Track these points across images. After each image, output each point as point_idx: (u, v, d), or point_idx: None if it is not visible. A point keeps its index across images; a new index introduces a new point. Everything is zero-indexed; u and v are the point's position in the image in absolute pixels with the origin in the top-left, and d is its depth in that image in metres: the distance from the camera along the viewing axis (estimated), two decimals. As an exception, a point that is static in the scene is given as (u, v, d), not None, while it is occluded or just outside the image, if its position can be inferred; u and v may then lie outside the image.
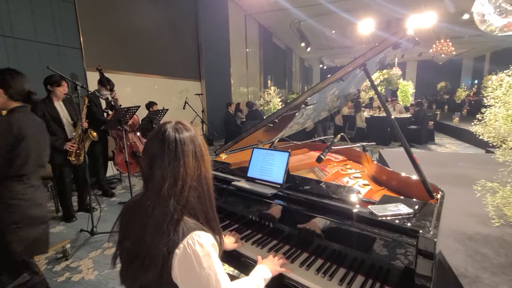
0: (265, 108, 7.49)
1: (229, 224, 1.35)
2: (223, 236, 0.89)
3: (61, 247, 2.34)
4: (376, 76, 9.78)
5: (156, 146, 0.74)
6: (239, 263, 1.14)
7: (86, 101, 2.91)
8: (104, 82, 3.49)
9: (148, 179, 0.76)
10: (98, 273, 2.11)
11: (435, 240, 0.79)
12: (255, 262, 1.07)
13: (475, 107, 10.43)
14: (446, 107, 13.26)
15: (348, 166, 1.87)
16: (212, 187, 0.82)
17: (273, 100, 7.10)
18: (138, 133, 4.02)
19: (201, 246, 0.69)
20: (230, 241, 1.16)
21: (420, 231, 0.83)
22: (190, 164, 0.74)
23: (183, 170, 0.73)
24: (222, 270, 0.73)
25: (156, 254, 0.69)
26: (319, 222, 1.03)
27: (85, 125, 2.84)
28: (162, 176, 0.72)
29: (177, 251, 0.68)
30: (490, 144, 1.59)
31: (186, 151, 0.74)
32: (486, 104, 1.57)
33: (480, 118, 1.57)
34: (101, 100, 3.50)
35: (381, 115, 7.50)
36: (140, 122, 3.97)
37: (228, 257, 1.13)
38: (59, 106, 2.81)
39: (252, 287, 0.85)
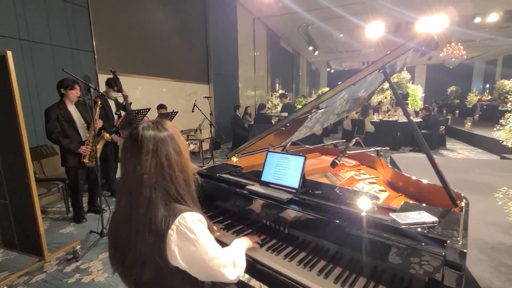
0: (273, 111, 7.46)
1: (242, 229, 1.32)
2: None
3: (71, 248, 2.35)
4: (385, 81, 9.60)
5: (126, 145, 0.81)
6: (254, 270, 1.10)
7: (99, 103, 2.95)
8: (112, 83, 3.49)
9: (122, 176, 0.80)
10: (108, 275, 2.11)
11: (465, 251, 0.75)
12: (270, 269, 1.04)
13: (488, 112, 10.16)
14: (457, 111, 13.00)
15: (362, 171, 1.83)
16: (190, 170, 0.85)
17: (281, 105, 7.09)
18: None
19: (192, 221, 0.75)
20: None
21: (448, 241, 0.79)
22: (159, 155, 0.77)
23: (148, 163, 0.76)
24: (214, 240, 0.80)
25: (148, 250, 0.73)
26: (337, 229, 1.00)
27: (100, 124, 2.87)
28: (131, 170, 0.76)
29: (170, 231, 0.72)
30: (514, 150, 1.53)
31: (148, 144, 0.77)
32: (510, 109, 1.51)
33: (504, 123, 1.51)
34: (110, 101, 3.52)
35: (390, 119, 7.38)
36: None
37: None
38: (73, 109, 2.85)
39: (238, 253, 0.94)
